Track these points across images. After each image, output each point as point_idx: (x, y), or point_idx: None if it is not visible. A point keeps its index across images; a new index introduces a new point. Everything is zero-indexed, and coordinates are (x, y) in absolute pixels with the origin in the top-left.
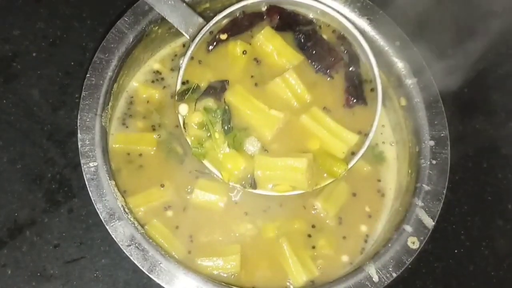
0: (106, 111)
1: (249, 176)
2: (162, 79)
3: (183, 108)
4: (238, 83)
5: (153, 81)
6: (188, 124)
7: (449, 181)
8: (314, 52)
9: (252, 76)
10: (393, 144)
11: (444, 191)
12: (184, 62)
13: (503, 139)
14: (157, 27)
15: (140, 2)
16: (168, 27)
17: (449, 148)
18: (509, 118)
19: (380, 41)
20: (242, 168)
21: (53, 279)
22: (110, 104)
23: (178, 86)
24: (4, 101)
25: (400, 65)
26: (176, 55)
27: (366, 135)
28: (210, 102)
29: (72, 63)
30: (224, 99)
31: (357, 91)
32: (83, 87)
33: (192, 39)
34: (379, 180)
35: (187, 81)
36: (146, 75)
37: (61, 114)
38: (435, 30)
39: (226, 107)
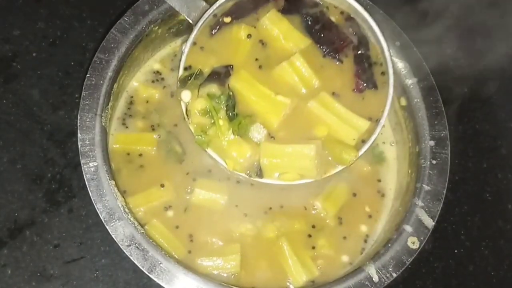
0: (106, 111)
1: (255, 164)
2: (162, 79)
3: (186, 95)
4: (243, 68)
5: (153, 81)
6: (190, 112)
7: (449, 181)
8: (322, 35)
9: (257, 60)
10: (393, 144)
11: (444, 191)
12: (186, 47)
13: (503, 139)
14: (157, 27)
15: (140, 2)
16: (168, 27)
17: (449, 148)
18: (509, 118)
19: None
20: (247, 156)
21: (53, 279)
22: (110, 104)
23: (181, 72)
24: (4, 101)
25: (400, 65)
26: (176, 55)
27: (377, 121)
28: (213, 88)
29: (72, 63)
30: (228, 84)
31: (367, 74)
32: (83, 87)
33: (195, 23)
34: (379, 180)
35: (190, 67)
36: (146, 75)
37: (61, 114)
38: (434, 29)
39: (230, 93)
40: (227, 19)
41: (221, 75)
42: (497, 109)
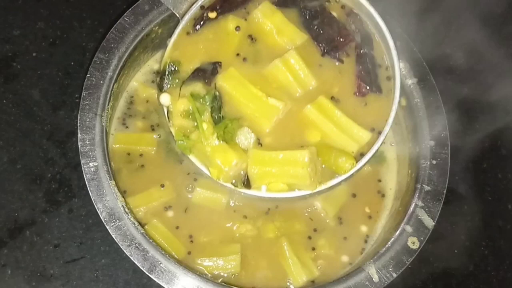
0: (106, 111)
1: (241, 173)
2: None
3: (165, 99)
4: (231, 66)
5: (153, 81)
6: (172, 113)
7: (449, 181)
8: (321, 31)
9: (246, 56)
10: (393, 144)
11: (444, 191)
12: (170, 42)
13: (503, 139)
14: (157, 27)
15: (140, 2)
16: (168, 27)
17: (449, 148)
18: (509, 118)
19: None
20: (233, 164)
21: (53, 279)
22: (110, 104)
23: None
24: (4, 101)
25: (400, 65)
26: None
27: (380, 132)
28: (198, 86)
29: (72, 63)
30: (215, 83)
31: (371, 76)
32: (83, 87)
33: (181, 16)
34: (379, 181)
35: (173, 66)
36: (146, 75)
37: (61, 114)
38: (434, 29)
39: (217, 93)
40: (212, 14)
41: (207, 72)
42: (497, 109)
